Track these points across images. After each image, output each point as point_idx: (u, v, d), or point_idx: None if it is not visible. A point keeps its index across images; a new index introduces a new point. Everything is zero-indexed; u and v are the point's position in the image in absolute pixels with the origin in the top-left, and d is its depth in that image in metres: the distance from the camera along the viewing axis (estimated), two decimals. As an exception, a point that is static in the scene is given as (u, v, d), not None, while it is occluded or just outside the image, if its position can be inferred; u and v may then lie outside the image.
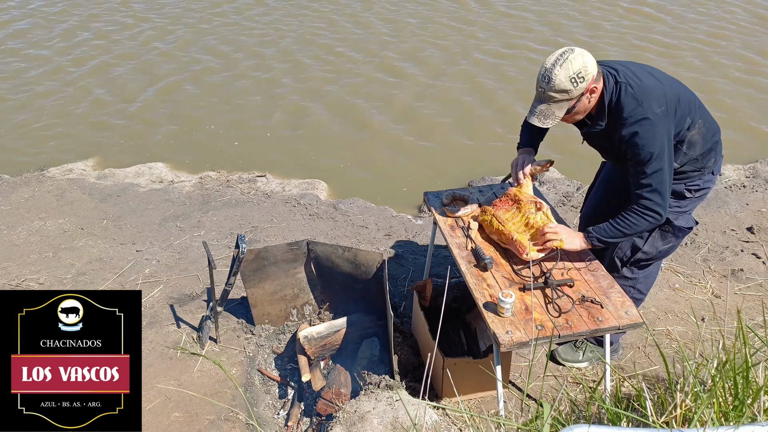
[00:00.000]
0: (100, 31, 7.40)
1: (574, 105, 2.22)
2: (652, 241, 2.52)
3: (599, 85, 2.24)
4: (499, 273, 2.40)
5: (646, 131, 2.19)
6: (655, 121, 2.18)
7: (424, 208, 4.29)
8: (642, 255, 2.53)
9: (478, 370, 2.48)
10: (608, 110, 2.26)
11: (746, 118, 5.46)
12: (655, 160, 2.21)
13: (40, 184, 4.49)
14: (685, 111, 2.29)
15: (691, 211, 2.53)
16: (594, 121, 2.32)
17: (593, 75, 2.18)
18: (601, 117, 2.29)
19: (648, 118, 2.18)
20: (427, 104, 5.74)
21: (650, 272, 2.66)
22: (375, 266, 2.81)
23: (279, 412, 2.66)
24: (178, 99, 5.88)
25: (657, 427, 1.55)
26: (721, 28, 7.31)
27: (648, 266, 2.62)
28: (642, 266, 2.58)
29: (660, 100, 2.22)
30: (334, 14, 7.86)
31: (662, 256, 2.63)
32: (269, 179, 4.63)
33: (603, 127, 2.30)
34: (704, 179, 2.45)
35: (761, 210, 4.05)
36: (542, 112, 2.25)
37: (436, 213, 2.80)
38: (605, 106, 2.26)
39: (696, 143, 2.35)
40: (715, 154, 2.44)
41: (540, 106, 2.26)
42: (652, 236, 2.51)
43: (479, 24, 7.52)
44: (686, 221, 2.50)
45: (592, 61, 2.18)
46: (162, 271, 3.54)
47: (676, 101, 2.26)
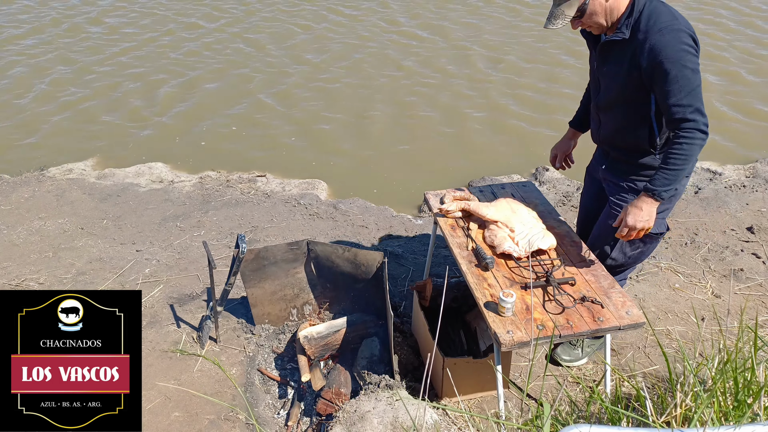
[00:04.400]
0: (100, 31, 7.40)
1: (585, 2, 2.07)
2: (620, 247, 2.44)
3: None
4: (499, 272, 2.40)
5: (684, 42, 2.00)
6: (686, 34, 2.02)
7: (424, 208, 4.29)
8: (611, 261, 2.47)
9: (478, 370, 2.48)
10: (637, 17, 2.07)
11: (747, 116, 5.47)
12: (692, 74, 2.01)
13: (40, 184, 4.49)
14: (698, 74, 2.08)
15: (661, 216, 2.37)
16: (618, 29, 2.12)
17: None
18: (627, 23, 2.10)
19: (679, 29, 2.01)
20: (428, 104, 5.74)
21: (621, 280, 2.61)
22: (375, 266, 2.80)
23: (279, 412, 2.66)
24: (178, 99, 5.87)
25: (657, 427, 1.55)
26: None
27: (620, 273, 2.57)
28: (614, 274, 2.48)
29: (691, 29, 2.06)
30: (334, 14, 7.86)
31: (633, 263, 2.55)
32: (269, 179, 4.63)
33: (626, 36, 2.10)
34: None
35: (761, 210, 4.05)
36: (552, 14, 2.12)
37: (436, 213, 2.80)
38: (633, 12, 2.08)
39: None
40: None
41: (552, 9, 2.13)
42: (620, 242, 2.41)
43: (486, 22, 7.52)
44: (657, 226, 2.36)
45: None
46: (162, 271, 3.53)
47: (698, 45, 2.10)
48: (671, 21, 2.04)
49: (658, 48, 2.02)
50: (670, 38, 2.01)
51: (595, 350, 2.83)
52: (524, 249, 2.45)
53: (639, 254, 2.50)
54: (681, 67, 2.00)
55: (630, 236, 2.23)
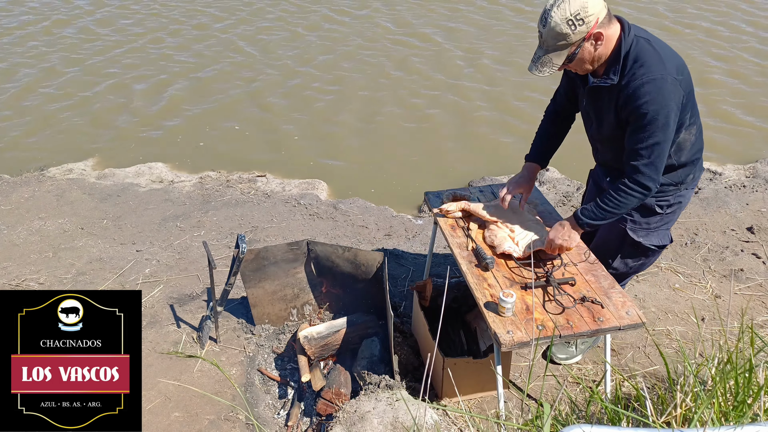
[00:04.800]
0: (100, 32, 7.40)
1: (574, 52, 2.02)
2: (622, 258, 2.46)
3: (609, 32, 2.02)
4: (500, 273, 2.39)
5: (660, 92, 1.98)
6: (672, 85, 1.98)
7: (424, 208, 4.28)
8: (612, 271, 2.48)
9: (479, 370, 2.48)
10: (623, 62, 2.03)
11: (746, 117, 5.47)
12: (660, 130, 2.01)
13: (40, 184, 4.49)
14: (690, 99, 2.11)
15: (664, 228, 2.40)
16: (605, 74, 2.09)
17: (597, 18, 1.96)
18: (614, 70, 2.06)
19: (666, 80, 1.98)
20: (428, 104, 5.74)
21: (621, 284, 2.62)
22: (375, 266, 2.80)
23: (279, 412, 2.66)
24: (178, 99, 5.87)
25: (657, 427, 1.55)
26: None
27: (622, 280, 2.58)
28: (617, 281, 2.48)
29: (680, 69, 2.04)
30: (333, 14, 7.86)
31: (634, 272, 2.58)
32: (269, 179, 4.63)
33: (615, 81, 2.06)
34: (677, 195, 2.33)
35: (761, 210, 4.05)
36: (540, 61, 2.06)
37: (436, 213, 2.80)
38: (620, 57, 2.03)
39: (684, 149, 2.21)
40: (694, 170, 2.31)
41: (539, 53, 2.07)
42: (622, 254, 2.44)
43: (481, 28, 7.52)
44: (660, 239, 2.39)
45: (597, 3, 1.96)
46: (162, 271, 3.53)
47: (690, 81, 2.09)
48: (656, 69, 1.99)
49: (635, 97, 2.02)
50: (649, 89, 1.99)
51: (589, 347, 2.84)
52: (524, 249, 2.45)
53: (640, 265, 2.52)
54: (652, 120, 2.01)
55: (553, 251, 2.34)
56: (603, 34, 2.00)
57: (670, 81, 1.99)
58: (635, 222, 2.39)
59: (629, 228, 2.40)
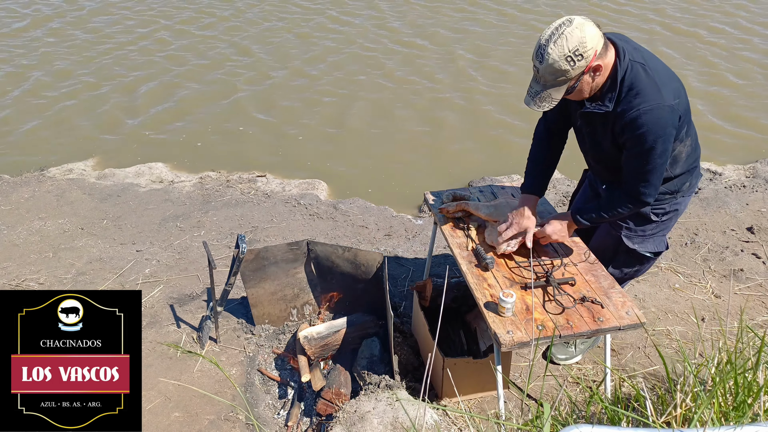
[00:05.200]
0: (100, 32, 7.40)
1: (573, 85, 1.99)
2: (617, 266, 2.47)
3: (606, 62, 1.98)
4: (499, 273, 2.39)
5: (657, 122, 1.97)
6: (669, 113, 1.98)
7: (424, 208, 4.29)
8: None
9: (478, 370, 2.48)
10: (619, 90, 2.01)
11: (746, 117, 5.47)
12: (658, 156, 2.03)
13: (40, 184, 4.49)
14: (686, 117, 2.10)
15: (660, 235, 2.40)
16: (601, 101, 2.06)
17: (595, 50, 1.91)
18: (609, 97, 2.03)
19: (663, 107, 1.96)
20: (427, 104, 5.74)
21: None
22: (375, 266, 2.80)
23: (279, 412, 2.66)
24: (178, 99, 5.87)
25: (657, 427, 1.55)
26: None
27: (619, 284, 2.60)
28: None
29: (676, 92, 2.02)
30: (334, 14, 7.87)
31: (630, 278, 2.59)
32: (269, 179, 4.63)
33: (610, 109, 2.04)
34: (673, 203, 2.32)
35: (761, 210, 4.05)
36: (538, 95, 2.01)
37: (436, 213, 2.80)
38: (617, 85, 2.00)
39: (679, 161, 2.21)
40: (690, 178, 2.30)
41: (536, 87, 2.02)
42: (617, 261, 2.45)
43: (479, 25, 7.52)
44: (655, 245, 2.39)
45: (594, 34, 1.90)
46: (162, 271, 3.53)
47: (686, 100, 2.09)
48: (652, 98, 1.97)
49: (633, 127, 2.01)
50: (647, 119, 1.98)
51: (589, 347, 2.84)
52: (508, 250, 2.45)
53: (636, 271, 2.53)
54: (650, 150, 2.03)
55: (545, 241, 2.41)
56: (601, 65, 1.97)
57: (667, 109, 1.98)
58: (630, 229, 2.38)
59: (624, 235, 2.39)
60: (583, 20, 1.91)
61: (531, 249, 2.39)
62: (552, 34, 1.90)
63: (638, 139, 2.02)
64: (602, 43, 1.95)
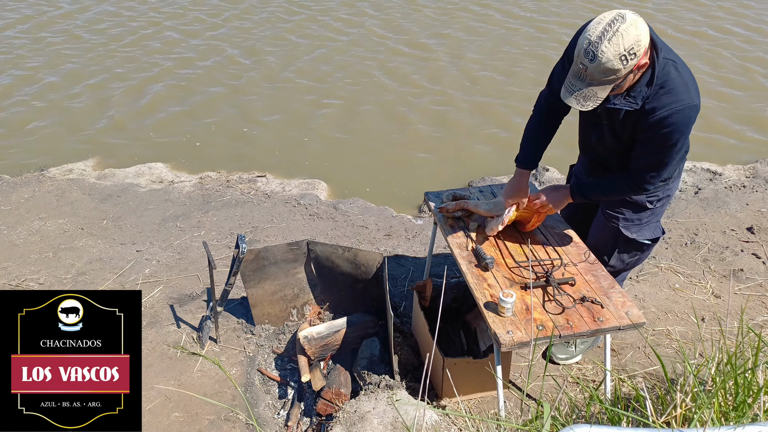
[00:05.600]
0: (104, 33, 7.40)
1: (620, 84, 1.91)
2: (618, 255, 2.48)
3: (648, 58, 1.91)
4: (499, 273, 2.40)
5: (685, 121, 1.94)
6: (694, 111, 1.95)
7: (424, 208, 4.29)
8: (609, 269, 2.49)
9: (478, 370, 2.48)
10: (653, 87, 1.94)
11: (747, 117, 5.47)
12: (677, 151, 2.03)
13: (40, 184, 4.49)
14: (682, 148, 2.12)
15: (655, 221, 2.42)
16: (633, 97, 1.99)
17: (646, 48, 1.83)
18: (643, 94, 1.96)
19: (692, 107, 1.94)
20: (428, 104, 5.74)
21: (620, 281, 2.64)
22: (375, 266, 2.80)
23: (279, 412, 2.66)
24: (178, 99, 5.87)
25: (657, 427, 1.55)
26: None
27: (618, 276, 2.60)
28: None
29: (698, 91, 1.99)
30: (334, 16, 7.87)
31: (630, 268, 2.60)
32: (269, 179, 4.63)
33: (638, 107, 1.97)
34: (665, 189, 2.33)
35: (761, 210, 4.05)
36: (582, 93, 1.90)
37: (436, 213, 2.80)
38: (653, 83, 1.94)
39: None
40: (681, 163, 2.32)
41: (579, 85, 1.90)
42: (618, 251, 2.46)
43: (479, 24, 7.52)
44: (652, 232, 2.41)
45: (646, 31, 1.82)
46: (162, 271, 3.53)
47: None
48: (684, 97, 1.93)
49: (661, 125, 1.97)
50: (677, 119, 1.94)
51: (588, 347, 2.84)
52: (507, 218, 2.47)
53: (636, 260, 2.53)
54: (672, 146, 2.03)
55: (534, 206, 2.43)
56: (647, 62, 1.92)
57: (695, 109, 1.96)
58: (627, 219, 2.41)
59: (622, 226, 2.42)
60: (635, 16, 1.82)
61: (531, 250, 2.39)
62: (605, 31, 1.80)
63: (664, 136, 1.99)
64: (649, 38, 1.88)
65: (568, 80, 1.95)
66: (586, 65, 1.86)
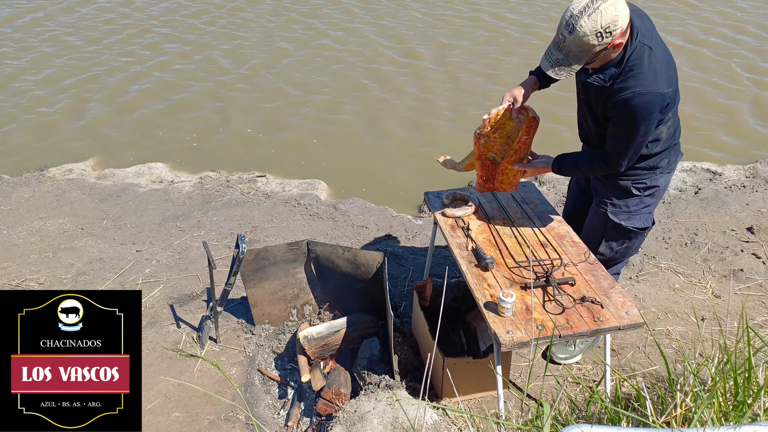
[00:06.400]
0: (99, 32, 7.40)
1: (594, 59, 2.03)
2: (607, 243, 2.51)
3: (624, 39, 2.02)
4: (499, 273, 2.40)
5: (647, 105, 2.04)
6: (658, 98, 2.04)
7: (424, 208, 4.29)
8: (599, 257, 2.52)
9: (478, 370, 2.48)
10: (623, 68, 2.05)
11: (746, 118, 5.47)
12: (640, 135, 2.12)
13: (40, 184, 4.49)
14: (674, 103, 2.18)
15: (646, 212, 2.45)
16: (603, 74, 2.11)
17: (622, 29, 1.95)
18: (612, 73, 2.08)
19: (655, 94, 2.03)
20: (427, 104, 5.74)
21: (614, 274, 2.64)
22: (375, 266, 2.80)
23: (279, 412, 2.66)
24: (178, 99, 5.87)
25: (657, 427, 1.55)
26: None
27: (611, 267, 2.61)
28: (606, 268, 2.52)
29: (670, 81, 2.09)
30: (334, 15, 7.87)
31: (622, 258, 2.62)
32: (269, 179, 4.63)
33: (607, 84, 2.09)
34: (653, 179, 2.37)
35: (761, 210, 4.05)
36: (558, 62, 2.05)
37: (436, 213, 2.80)
38: (623, 63, 2.05)
39: (660, 140, 2.27)
40: (669, 155, 2.35)
41: (557, 54, 2.05)
42: (606, 238, 2.50)
43: (478, 23, 7.52)
44: (642, 221, 2.44)
45: (625, 13, 1.94)
46: (162, 271, 3.54)
47: (675, 89, 2.16)
48: (648, 83, 2.03)
49: (622, 107, 2.08)
50: (637, 102, 2.04)
51: (588, 347, 2.84)
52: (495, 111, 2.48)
53: (625, 249, 2.55)
54: (634, 129, 2.11)
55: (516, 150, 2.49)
56: (622, 42, 2.02)
57: (658, 96, 2.05)
58: (615, 205, 2.44)
59: (610, 212, 2.45)
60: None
61: (531, 250, 2.39)
62: (586, 7, 1.91)
63: (626, 118, 2.09)
64: (628, 20, 1.98)
65: (549, 49, 2.09)
66: (565, 36, 1.99)
